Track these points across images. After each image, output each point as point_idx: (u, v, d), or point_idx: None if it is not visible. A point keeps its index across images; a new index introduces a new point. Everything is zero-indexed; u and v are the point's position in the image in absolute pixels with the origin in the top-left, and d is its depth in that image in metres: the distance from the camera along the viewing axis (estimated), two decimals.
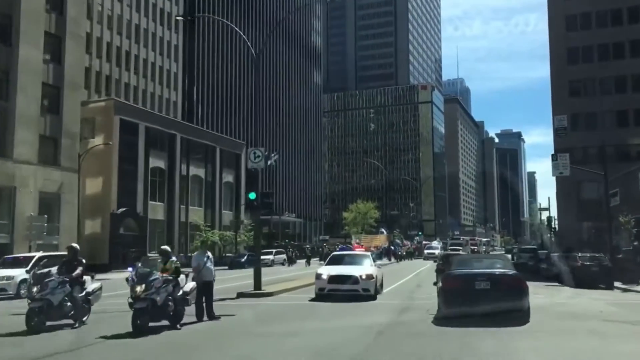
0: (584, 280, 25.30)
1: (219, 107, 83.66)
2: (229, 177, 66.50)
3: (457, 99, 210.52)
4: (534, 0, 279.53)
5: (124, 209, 49.66)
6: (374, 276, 19.39)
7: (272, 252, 59.03)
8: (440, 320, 12.37)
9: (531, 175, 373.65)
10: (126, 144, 50.02)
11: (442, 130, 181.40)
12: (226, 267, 51.85)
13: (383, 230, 70.44)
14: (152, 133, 54.77)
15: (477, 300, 11.90)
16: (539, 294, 19.72)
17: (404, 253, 63.25)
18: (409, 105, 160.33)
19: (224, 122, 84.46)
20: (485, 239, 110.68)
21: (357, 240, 65.92)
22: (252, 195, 22.35)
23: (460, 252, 43.97)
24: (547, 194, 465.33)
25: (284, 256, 58.53)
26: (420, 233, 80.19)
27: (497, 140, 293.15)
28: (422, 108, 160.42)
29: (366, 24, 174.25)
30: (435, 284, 17.34)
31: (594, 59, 58.25)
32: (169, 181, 56.64)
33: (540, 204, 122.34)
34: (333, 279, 18.87)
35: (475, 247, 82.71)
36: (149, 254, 42.94)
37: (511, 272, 12.90)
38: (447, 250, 48.48)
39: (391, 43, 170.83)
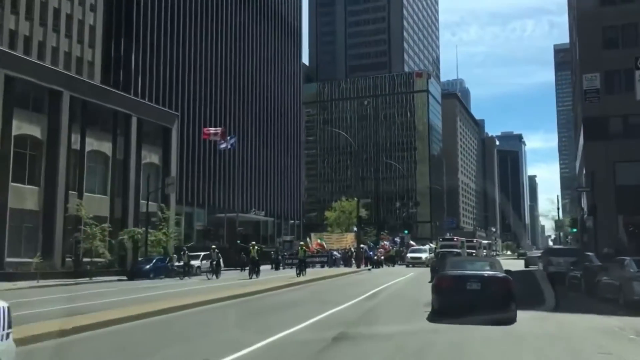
0: None
1: (155, 75, 66.25)
2: (152, 157, 49.30)
3: (455, 94, 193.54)
4: (530, 7, 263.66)
5: None
6: None
7: (200, 255, 41.91)
8: (434, 317, 12.45)
9: (532, 179, 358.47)
10: None
11: (440, 126, 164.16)
12: (125, 277, 35.86)
13: (355, 228, 53.34)
14: (21, 86, 37.82)
15: (468, 300, 12.36)
16: None
17: (382, 258, 46.22)
18: (403, 95, 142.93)
19: (166, 96, 67.34)
20: (486, 242, 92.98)
21: (318, 240, 48.91)
22: None
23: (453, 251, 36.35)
24: (552, 198, 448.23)
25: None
26: (406, 232, 62.34)
27: (497, 142, 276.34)
28: (418, 100, 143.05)
29: (358, 9, 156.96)
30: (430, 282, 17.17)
31: None
32: (48, 156, 39.46)
33: (558, 199, 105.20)
34: None
35: (474, 251, 65.94)
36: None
37: (500, 274, 13.11)
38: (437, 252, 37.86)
39: (384, 29, 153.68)
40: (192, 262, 39.42)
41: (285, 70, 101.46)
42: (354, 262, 46.53)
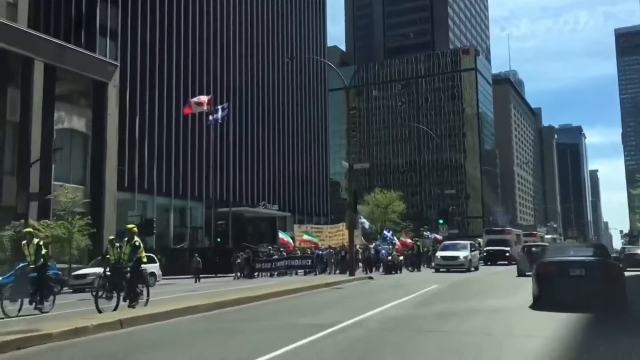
0: None
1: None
2: (77, 123, 34.19)
3: (508, 79, 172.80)
4: None
5: None
6: None
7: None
8: (536, 305, 11.51)
9: (593, 173, 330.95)
10: None
11: (492, 113, 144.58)
12: None
13: (363, 220, 35.69)
14: None
15: (572, 287, 11.45)
16: None
17: (400, 259, 29.21)
18: (448, 75, 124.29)
19: (145, 58, 52.63)
20: (549, 236, 74.10)
21: (304, 235, 32.43)
22: None
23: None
24: (613, 196, 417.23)
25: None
26: (441, 221, 44.34)
27: (555, 136, 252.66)
28: (465, 81, 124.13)
29: None
30: None
31: None
32: None
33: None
34: None
35: (522, 249, 48.00)
36: None
37: (607, 260, 12.36)
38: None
39: (426, 6, 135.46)
40: (88, 271, 24.05)
41: (308, 43, 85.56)
42: (360, 265, 30.06)
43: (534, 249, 25.44)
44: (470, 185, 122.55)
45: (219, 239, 41.81)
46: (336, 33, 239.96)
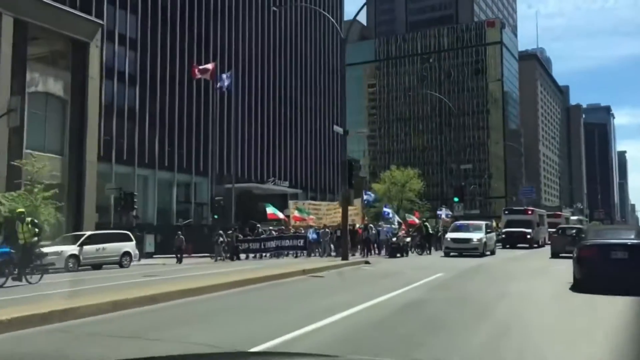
0: None
1: None
2: (53, 86, 30.80)
3: (535, 54, 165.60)
4: None
5: None
6: None
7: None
8: (576, 287, 11.48)
9: (621, 154, 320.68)
10: None
11: (517, 90, 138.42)
12: None
13: (368, 196, 30.90)
14: None
15: (614, 270, 11.32)
16: None
17: (407, 241, 25.20)
18: (473, 49, 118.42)
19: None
20: (575, 217, 69.27)
21: (296, 212, 28.38)
22: None
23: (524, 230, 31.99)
24: (638, 178, 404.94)
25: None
26: (456, 199, 39.22)
27: (583, 115, 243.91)
28: (490, 56, 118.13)
29: None
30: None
31: None
32: None
33: None
34: None
35: (557, 231, 43.86)
36: None
37: None
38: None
39: None
40: (49, 249, 20.75)
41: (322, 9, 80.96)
42: (358, 248, 26.32)
43: (568, 230, 25.82)
44: (494, 164, 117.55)
45: (216, 216, 38.29)
46: (358, 8, 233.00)
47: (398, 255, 25.16)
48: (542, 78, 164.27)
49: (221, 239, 27.51)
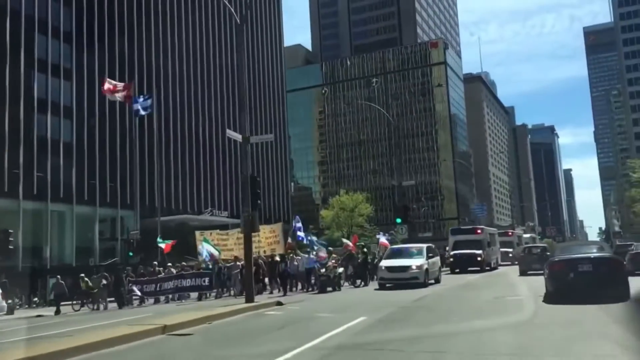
0: None
1: None
2: None
3: (480, 77, 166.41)
4: (549, 2, 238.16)
5: None
6: None
7: None
8: (548, 299, 12.47)
9: (567, 172, 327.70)
10: None
11: (464, 112, 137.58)
12: None
13: (296, 220, 25.69)
14: None
15: (581, 281, 12.31)
16: None
17: (339, 272, 20.48)
18: (417, 70, 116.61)
19: None
20: (527, 235, 66.57)
21: (203, 243, 23.05)
22: None
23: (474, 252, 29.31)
24: (586, 195, 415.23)
25: None
26: (398, 220, 34.54)
27: (529, 135, 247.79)
28: (435, 76, 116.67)
29: None
30: None
31: None
32: None
33: None
34: None
35: (510, 250, 40.52)
36: None
37: (610, 255, 13.36)
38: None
39: (393, 1, 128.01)
40: None
41: (264, 37, 77.30)
42: (273, 284, 21.64)
43: (534, 249, 28.09)
44: (445, 186, 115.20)
45: (130, 254, 33.02)
46: (302, 34, 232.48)
47: (329, 289, 20.64)
48: (487, 99, 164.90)
49: (104, 282, 22.43)
